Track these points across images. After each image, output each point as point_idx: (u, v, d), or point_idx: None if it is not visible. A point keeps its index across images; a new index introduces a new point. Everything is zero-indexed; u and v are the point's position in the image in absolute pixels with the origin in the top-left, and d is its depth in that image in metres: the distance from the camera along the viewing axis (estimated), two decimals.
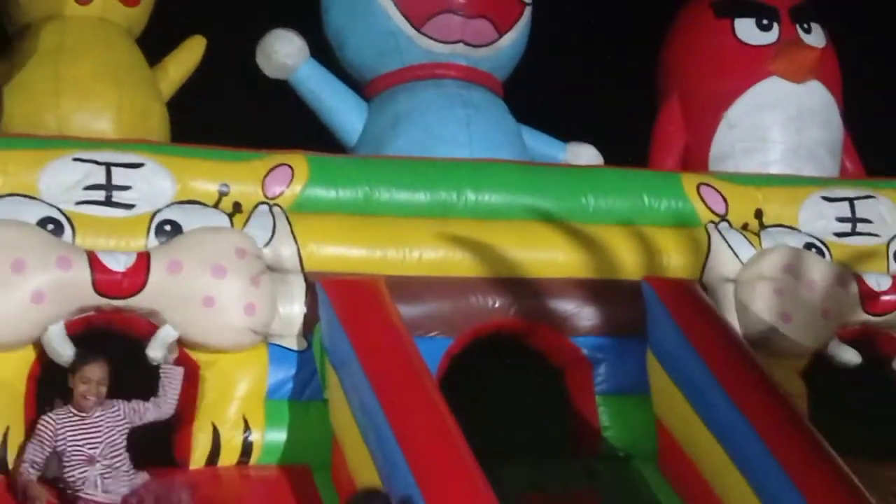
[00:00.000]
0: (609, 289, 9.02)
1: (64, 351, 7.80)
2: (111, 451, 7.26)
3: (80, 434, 7.21)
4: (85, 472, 7.13)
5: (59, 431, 7.20)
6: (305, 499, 7.95)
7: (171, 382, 7.75)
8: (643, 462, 8.78)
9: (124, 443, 7.45)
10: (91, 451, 7.16)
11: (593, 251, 9.05)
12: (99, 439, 7.22)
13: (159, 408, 7.66)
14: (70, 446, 7.21)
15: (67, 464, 7.26)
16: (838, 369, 9.21)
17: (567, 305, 8.97)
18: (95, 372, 7.30)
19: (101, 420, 7.32)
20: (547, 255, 8.99)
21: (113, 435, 7.32)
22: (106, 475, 7.17)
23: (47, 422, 7.20)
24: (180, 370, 7.80)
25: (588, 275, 9.03)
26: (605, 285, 9.03)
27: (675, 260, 9.22)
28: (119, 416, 7.42)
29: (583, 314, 8.97)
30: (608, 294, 9.01)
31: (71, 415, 7.24)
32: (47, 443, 7.20)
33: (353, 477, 7.70)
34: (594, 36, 10.86)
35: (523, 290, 8.90)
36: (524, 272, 8.92)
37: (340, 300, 8.23)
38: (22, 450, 7.63)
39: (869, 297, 9.14)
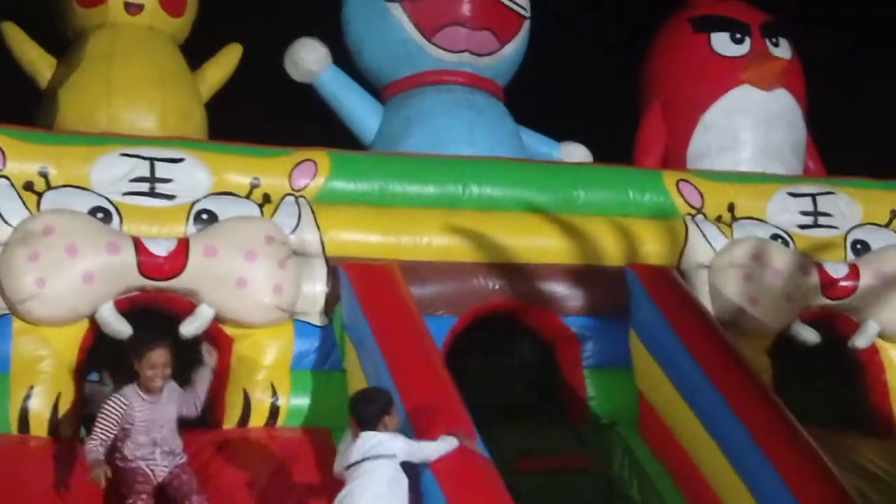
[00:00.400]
0: (596, 274, 9.02)
1: (120, 327, 7.87)
2: (170, 433, 7.22)
3: (146, 415, 7.11)
4: (148, 451, 7.07)
5: (128, 412, 7.08)
6: (325, 458, 7.73)
7: (203, 384, 7.61)
8: (625, 429, 8.76)
9: (177, 425, 7.43)
10: (155, 434, 7.10)
11: (582, 240, 9.04)
12: (163, 422, 7.15)
13: (196, 409, 7.56)
14: (137, 426, 7.11)
15: (131, 443, 7.15)
16: (800, 347, 9.22)
17: (558, 288, 8.97)
18: (161, 356, 7.18)
19: (166, 403, 7.22)
20: (541, 243, 8.99)
21: (173, 416, 7.27)
22: (164, 453, 7.12)
23: (117, 403, 7.04)
24: (210, 370, 7.70)
25: (577, 261, 9.02)
26: (592, 270, 9.03)
27: (656, 248, 9.22)
28: (178, 399, 7.34)
29: (572, 296, 8.97)
30: (595, 278, 9.01)
31: (138, 396, 7.12)
32: (117, 422, 7.06)
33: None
34: (586, 46, 10.82)
35: (519, 274, 8.90)
36: (520, 258, 8.92)
37: (360, 283, 8.23)
38: (72, 415, 7.75)
39: (828, 284, 9.13)
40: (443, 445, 6.78)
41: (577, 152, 10.09)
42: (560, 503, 8.12)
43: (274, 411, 8.18)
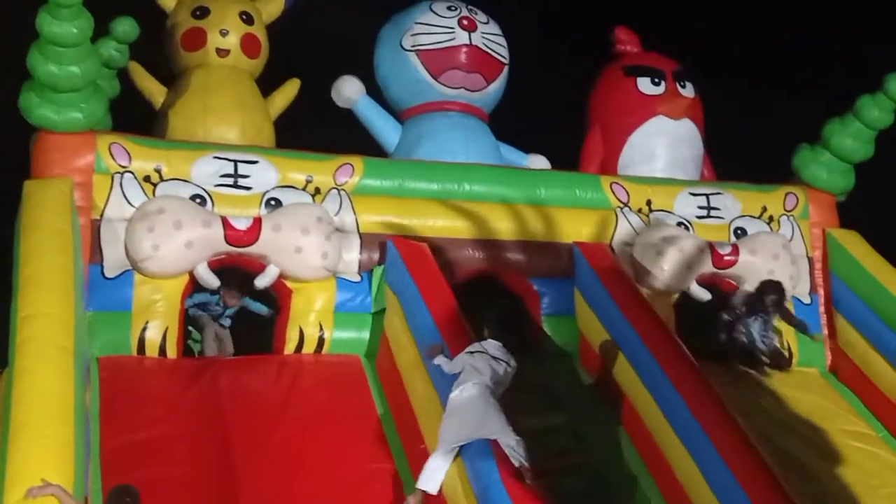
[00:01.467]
0: (552, 248, 9.00)
1: (211, 280, 7.99)
2: None
3: None
4: None
5: None
6: (357, 377, 8.06)
7: None
8: (570, 358, 8.79)
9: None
10: None
11: (543, 224, 9.02)
12: None
13: None
14: None
15: None
16: (695, 302, 9.26)
17: (525, 258, 8.95)
18: None
19: None
20: (513, 226, 8.94)
21: None
22: None
23: None
24: None
25: (539, 239, 9.00)
26: (549, 246, 9.01)
27: (595, 231, 9.16)
28: None
29: (535, 264, 8.96)
30: (551, 251, 8.99)
31: None
32: None
33: (396, 362, 7.82)
34: (548, 85, 10.82)
35: (498, 247, 8.89)
36: (498, 236, 8.90)
37: (406, 253, 8.25)
38: (176, 342, 7.87)
39: (716, 258, 9.10)
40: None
41: (539, 161, 10.02)
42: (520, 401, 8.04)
43: (321, 342, 8.24)
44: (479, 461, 6.42)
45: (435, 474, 6.54)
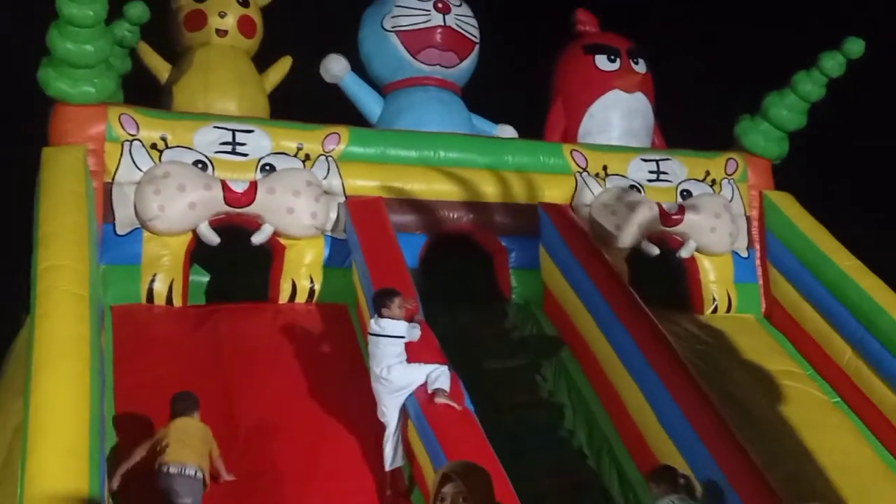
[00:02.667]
0: (519, 208, 8.99)
1: (212, 237, 8.00)
2: None
3: None
4: None
5: None
6: (343, 321, 8.04)
7: None
8: (535, 307, 8.80)
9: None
10: None
11: (511, 187, 9.01)
12: None
13: None
14: None
15: None
16: (646, 256, 9.30)
17: (495, 217, 8.95)
18: None
19: None
20: (485, 189, 8.93)
21: None
22: None
23: None
24: None
25: (508, 201, 8.98)
26: (516, 206, 8.99)
27: (557, 193, 9.13)
28: None
29: (504, 223, 8.97)
30: (519, 211, 8.97)
31: None
32: None
33: (363, 312, 7.70)
34: (515, 62, 10.76)
35: (470, 208, 8.89)
36: (472, 198, 8.88)
37: (356, 212, 8.24)
38: (180, 292, 7.88)
39: (664, 217, 9.13)
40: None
41: (507, 131, 9.96)
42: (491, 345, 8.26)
43: (311, 293, 8.25)
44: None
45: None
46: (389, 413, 6.45)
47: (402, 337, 6.43)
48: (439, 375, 6.35)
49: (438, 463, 5.77)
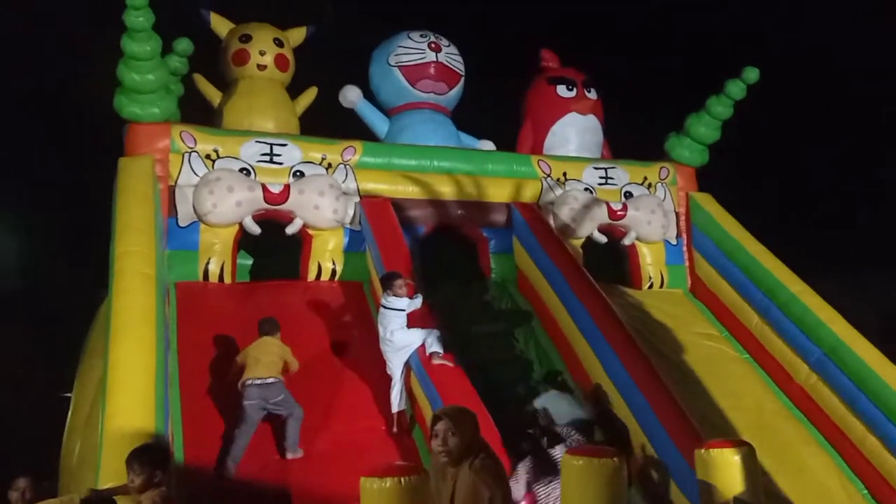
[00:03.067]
0: (495, 206, 8.90)
1: (255, 228, 7.89)
2: None
3: None
4: None
5: None
6: (359, 296, 8.00)
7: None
8: (510, 284, 8.70)
9: None
10: None
11: (490, 189, 8.90)
12: None
13: None
14: None
15: None
16: (597, 243, 9.18)
17: (478, 213, 8.86)
18: None
19: None
20: (469, 191, 8.84)
21: None
22: None
23: None
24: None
25: (487, 200, 8.89)
26: (495, 205, 8.91)
27: (527, 194, 9.04)
28: None
29: (485, 217, 8.88)
30: (496, 209, 8.90)
31: None
32: None
33: (375, 289, 7.59)
34: (493, 91, 10.64)
35: (458, 206, 8.77)
36: (459, 198, 8.78)
37: (369, 210, 8.18)
38: (230, 272, 7.77)
39: (611, 212, 9.09)
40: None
41: (487, 145, 9.85)
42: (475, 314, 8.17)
43: (333, 273, 8.18)
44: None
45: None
46: (394, 367, 6.54)
47: (403, 310, 6.52)
48: (433, 342, 6.41)
49: (435, 407, 5.80)
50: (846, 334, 7.72)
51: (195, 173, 7.82)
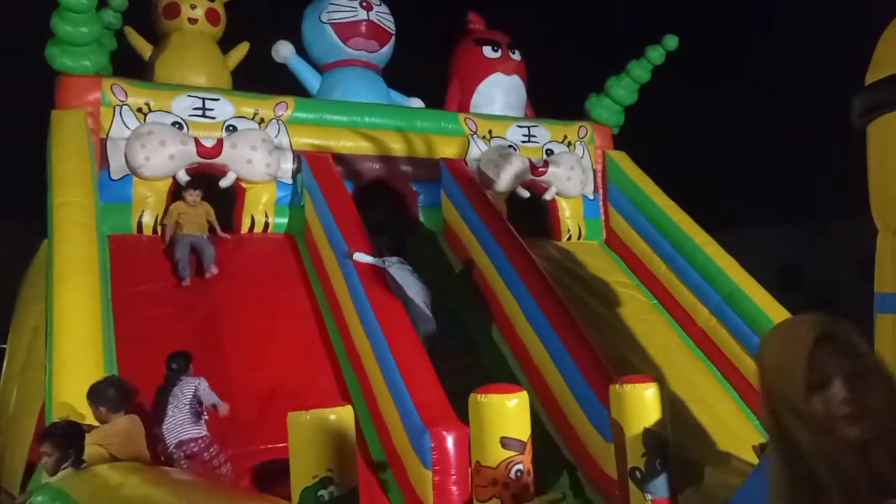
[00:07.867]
0: (425, 162, 8.99)
1: (186, 179, 7.85)
2: None
3: None
4: None
5: None
6: (293, 249, 8.11)
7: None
8: (438, 235, 8.86)
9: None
10: None
11: (419, 145, 9.00)
12: None
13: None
14: None
15: None
16: (519, 198, 9.40)
17: (408, 168, 8.93)
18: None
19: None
20: (399, 147, 8.88)
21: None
22: None
23: None
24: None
25: (417, 155, 8.96)
26: (424, 160, 8.99)
27: (453, 150, 9.12)
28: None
29: (414, 172, 8.97)
30: (425, 164, 8.97)
31: None
32: None
33: (316, 240, 7.78)
34: (423, 50, 10.71)
35: (389, 161, 8.85)
36: (389, 153, 8.85)
37: (313, 163, 8.25)
38: (163, 226, 7.68)
39: (533, 168, 9.28)
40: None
41: (417, 102, 9.94)
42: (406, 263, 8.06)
43: (266, 225, 8.25)
44: None
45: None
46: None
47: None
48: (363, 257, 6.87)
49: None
50: (742, 281, 8.26)
51: (127, 126, 7.74)
